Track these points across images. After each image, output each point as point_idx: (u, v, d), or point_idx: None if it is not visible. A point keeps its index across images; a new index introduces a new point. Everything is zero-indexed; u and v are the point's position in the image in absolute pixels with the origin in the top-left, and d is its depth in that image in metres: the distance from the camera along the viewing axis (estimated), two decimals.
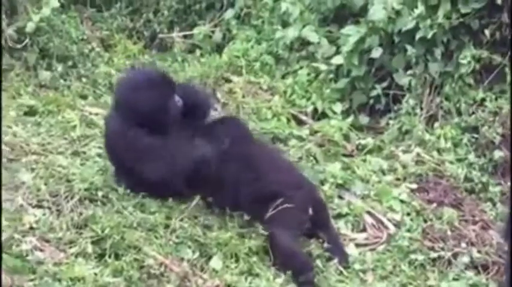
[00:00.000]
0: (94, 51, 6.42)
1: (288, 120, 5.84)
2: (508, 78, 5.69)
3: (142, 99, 4.50)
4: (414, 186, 5.32)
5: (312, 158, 5.39)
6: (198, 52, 6.73)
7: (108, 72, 6.26)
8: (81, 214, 4.33)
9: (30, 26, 5.90)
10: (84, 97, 5.94)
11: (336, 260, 4.56)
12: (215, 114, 5.15)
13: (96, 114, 5.58)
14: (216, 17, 6.97)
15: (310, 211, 4.59)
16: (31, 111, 5.49)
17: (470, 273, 4.68)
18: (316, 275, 4.42)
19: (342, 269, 4.56)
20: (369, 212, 4.98)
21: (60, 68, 6.04)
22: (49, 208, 4.36)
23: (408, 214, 5.04)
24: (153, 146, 4.49)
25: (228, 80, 6.17)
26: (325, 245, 4.59)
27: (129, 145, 4.51)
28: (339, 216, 4.93)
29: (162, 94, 4.56)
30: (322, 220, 4.70)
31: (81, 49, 6.32)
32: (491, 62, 5.76)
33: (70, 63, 6.16)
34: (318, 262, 4.52)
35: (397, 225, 4.95)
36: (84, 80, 6.12)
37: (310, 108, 5.99)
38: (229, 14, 6.86)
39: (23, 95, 5.70)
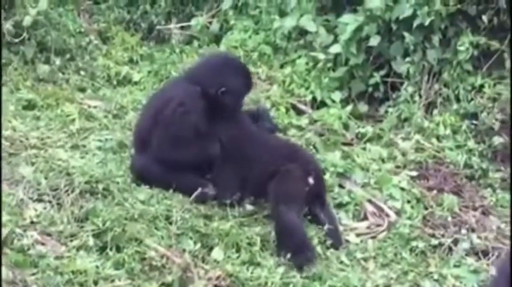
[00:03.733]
0: (92, 44, 6.41)
1: (287, 109, 5.83)
2: (507, 63, 5.69)
3: (233, 78, 4.71)
4: (414, 173, 5.33)
5: (311, 147, 5.39)
6: (195, 43, 6.72)
7: (107, 64, 6.26)
8: (81, 207, 4.34)
9: (27, 20, 5.89)
10: (82, 90, 5.94)
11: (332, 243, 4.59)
12: None
13: (95, 107, 5.58)
14: (213, 8, 6.95)
15: (311, 181, 4.60)
16: (30, 105, 5.49)
17: (471, 259, 4.69)
18: (318, 262, 4.44)
19: (343, 257, 4.58)
20: (369, 201, 4.99)
21: (58, 61, 6.03)
22: (50, 202, 4.36)
23: (408, 202, 5.05)
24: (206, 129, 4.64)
25: None
26: (325, 227, 4.59)
27: (187, 114, 4.62)
28: (340, 205, 4.94)
29: (248, 83, 4.83)
30: (319, 190, 4.70)
31: (79, 42, 6.31)
32: (490, 47, 5.77)
33: (68, 56, 6.16)
34: (319, 249, 4.53)
35: (398, 213, 4.96)
36: (82, 73, 6.11)
37: (309, 98, 5.99)
38: (226, 4, 6.83)
39: (22, 89, 5.70)
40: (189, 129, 4.62)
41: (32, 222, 4.21)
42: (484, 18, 5.73)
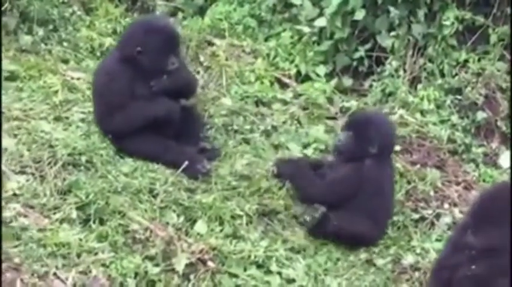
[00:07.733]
0: (75, 15, 6.33)
1: (271, 83, 5.81)
2: (492, 39, 5.70)
3: (149, 37, 4.70)
4: (397, 148, 5.33)
5: (295, 121, 5.39)
6: (180, 15, 6.67)
7: (90, 36, 6.18)
8: (64, 179, 4.33)
9: None
10: (65, 61, 5.88)
11: None
12: None
13: (78, 78, 5.53)
14: None
15: None
16: (12, 77, 5.43)
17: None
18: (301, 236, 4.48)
19: None
20: None
21: (41, 32, 5.96)
22: (32, 174, 4.35)
23: None
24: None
25: (210, 43, 6.12)
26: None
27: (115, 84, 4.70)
28: None
29: (165, 41, 4.75)
30: None
31: (62, 13, 6.24)
32: (474, 23, 5.76)
33: (51, 27, 6.08)
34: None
35: None
36: (65, 44, 6.04)
37: (293, 71, 5.97)
38: None
39: (4, 60, 5.63)
40: (117, 97, 4.69)
41: (14, 194, 4.19)
42: None
